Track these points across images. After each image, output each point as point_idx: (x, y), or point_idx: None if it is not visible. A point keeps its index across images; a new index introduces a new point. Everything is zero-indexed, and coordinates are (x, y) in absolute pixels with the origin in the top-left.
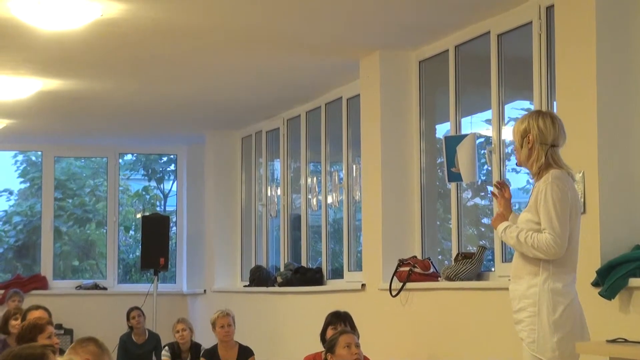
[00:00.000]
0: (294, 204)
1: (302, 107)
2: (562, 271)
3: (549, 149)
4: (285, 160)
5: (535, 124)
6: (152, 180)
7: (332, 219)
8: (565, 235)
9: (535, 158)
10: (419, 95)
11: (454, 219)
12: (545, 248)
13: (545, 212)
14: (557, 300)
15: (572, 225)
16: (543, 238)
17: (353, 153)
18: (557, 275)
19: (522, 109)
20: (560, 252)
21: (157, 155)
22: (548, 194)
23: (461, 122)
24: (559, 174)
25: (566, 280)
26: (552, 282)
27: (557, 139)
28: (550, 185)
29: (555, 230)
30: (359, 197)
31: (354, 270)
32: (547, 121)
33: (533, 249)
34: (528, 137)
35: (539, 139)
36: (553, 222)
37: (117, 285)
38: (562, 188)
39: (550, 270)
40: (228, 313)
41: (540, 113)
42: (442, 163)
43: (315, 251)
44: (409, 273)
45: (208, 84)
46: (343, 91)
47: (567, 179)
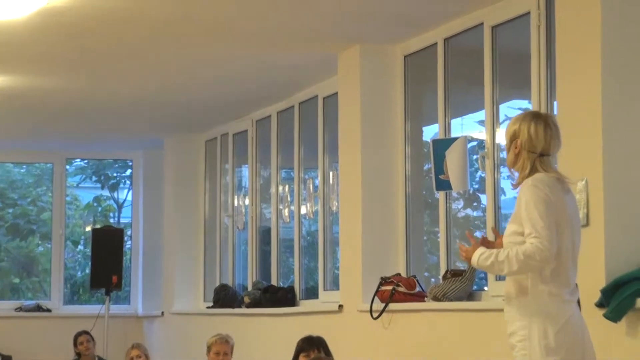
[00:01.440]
0: (264, 215)
1: (273, 106)
2: (554, 288)
3: (537, 159)
4: (254, 167)
5: (525, 129)
6: (104, 188)
7: (306, 231)
8: (551, 237)
9: (520, 166)
10: (404, 93)
11: (442, 231)
12: (532, 254)
13: (527, 216)
14: (548, 321)
15: (560, 235)
16: (528, 244)
17: (330, 158)
18: (548, 293)
19: (518, 109)
20: (550, 256)
21: (110, 160)
22: (528, 197)
23: (451, 124)
24: (542, 177)
25: (559, 297)
26: (544, 302)
27: (548, 148)
28: (529, 188)
29: (540, 231)
30: (336, 207)
31: (330, 290)
32: (540, 127)
33: (524, 259)
34: (516, 142)
35: (526, 146)
36: (536, 224)
37: (62, 306)
38: (542, 189)
39: (539, 288)
40: (227, 340)
41: (535, 116)
42: (430, 169)
43: (287, 268)
44: (392, 292)
45: (167, 80)
46: (319, 89)
47: (553, 184)
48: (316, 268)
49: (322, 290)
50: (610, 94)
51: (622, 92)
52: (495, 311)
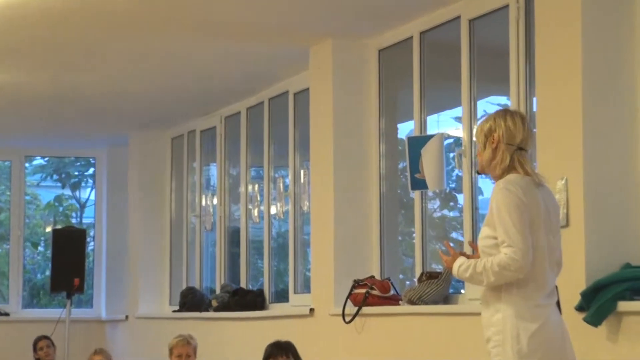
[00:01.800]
0: (233, 215)
1: (242, 102)
2: (528, 291)
3: (516, 151)
4: (222, 165)
5: (502, 122)
6: (65, 187)
7: (276, 232)
8: (526, 244)
9: (499, 160)
10: (378, 89)
11: (418, 232)
12: (506, 265)
13: (499, 221)
14: (521, 326)
15: (535, 237)
16: (502, 255)
17: (301, 156)
18: (521, 297)
19: (497, 105)
20: (525, 265)
21: (71, 158)
22: (500, 201)
23: (427, 121)
24: (514, 178)
25: (533, 301)
26: (517, 306)
27: (527, 141)
28: (501, 191)
29: (513, 239)
30: (307, 207)
31: (301, 293)
32: (517, 120)
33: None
34: (492, 136)
35: (505, 138)
36: (509, 231)
37: (21, 310)
38: (514, 192)
39: (513, 292)
40: (189, 341)
41: (509, 111)
42: (405, 168)
43: (256, 270)
44: (366, 296)
45: (131, 75)
46: (290, 84)
47: (526, 185)
48: (286, 270)
49: (293, 293)
50: (592, 89)
51: (604, 88)
52: (473, 315)
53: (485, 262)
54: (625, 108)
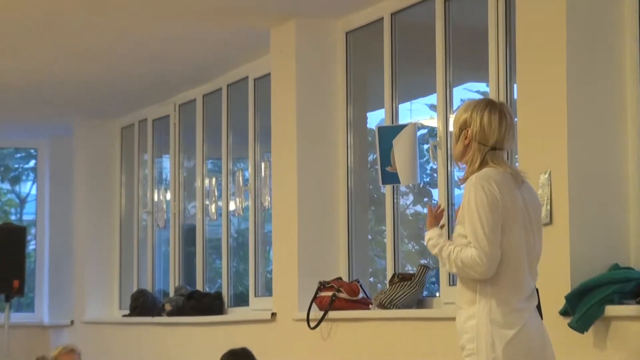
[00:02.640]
0: (188, 211)
1: (198, 89)
2: (503, 295)
3: (488, 152)
4: (176, 157)
5: (478, 118)
6: (4, 181)
7: (235, 230)
8: (493, 248)
9: (469, 159)
10: (346, 75)
11: (389, 231)
12: (469, 265)
13: (468, 220)
14: (497, 333)
15: (510, 236)
16: (468, 253)
17: (262, 147)
18: (497, 301)
19: (475, 92)
20: (488, 270)
21: (10, 150)
22: (471, 199)
23: (399, 109)
24: (487, 173)
25: (510, 305)
26: (491, 311)
27: (502, 141)
28: (473, 187)
29: (480, 242)
30: (268, 202)
31: (262, 296)
32: (494, 118)
33: (462, 267)
34: (466, 131)
35: (477, 137)
36: (477, 233)
37: None
38: (487, 189)
39: (488, 296)
40: (73, 349)
41: (489, 104)
42: (375, 160)
43: (213, 271)
44: (332, 299)
45: (76, 59)
46: (249, 69)
47: (502, 178)
48: (246, 271)
49: (253, 296)
50: (578, 74)
51: (590, 74)
52: (448, 320)
53: (451, 251)
54: (614, 94)
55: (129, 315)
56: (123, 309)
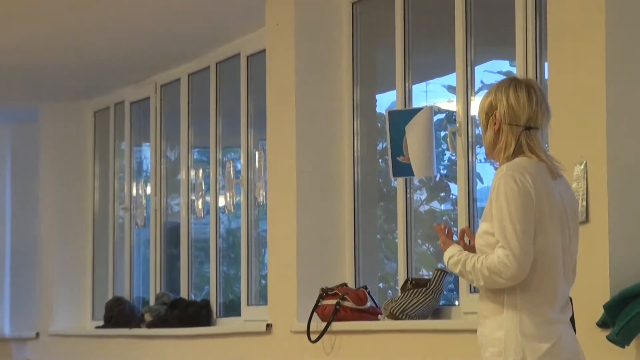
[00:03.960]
0: (171, 208)
1: (183, 67)
2: (535, 304)
3: (523, 132)
4: (157, 145)
5: (504, 98)
6: None
7: (225, 229)
8: (525, 248)
9: (503, 145)
10: (352, 52)
11: (401, 230)
12: (497, 271)
13: (497, 217)
14: (528, 346)
15: (545, 236)
16: (494, 257)
17: (256, 135)
18: (528, 311)
19: (498, 72)
20: (518, 274)
21: None
22: (500, 191)
23: (412, 91)
24: (520, 162)
25: (543, 316)
26: (522, 322)
27: (535, 117)
28: (503, 178)
29: (509, 241)
30: (263, 198)
31: (256, 304)
32: (521, 94)
33: (489, 275)
34: (494, 115)
35: (507, 117)
36: (505, 231)
37: None
38: (520, 181)
39: (517, 305)
40: None
41: (514, 82)
42: (385, 150)
43: (200, 277)
44: (336, 308)
45: (42, 33)
46: (241, 45)
47: (537, 170)
48: (238, 277)
49: (246, 305)
50: (617, 52)
51: (633, 51)
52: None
53: (476, 261)
54: None
55: (103, 326)
56: (96, 319)
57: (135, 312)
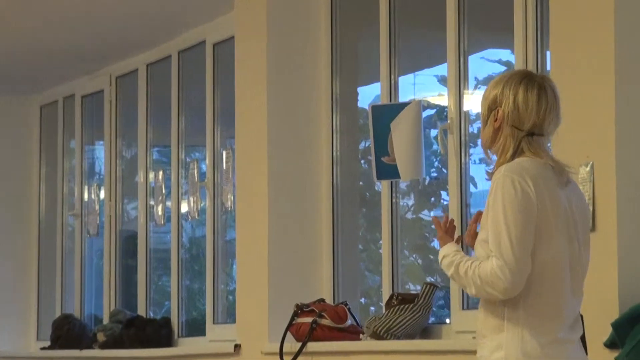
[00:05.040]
0: (127, 214)
1: (141, 57)
2: (540, 321)
3: (524, 139)
4: (112, 144)
5: (511, 96)
6: None
7: (188, 238)
8: (520, 259)
9: (500, 146)
10: (331, 39)
11: (385, 240)
12: (490, 282)
13: (492, 223)
14: None
15: (550, 246)
16: (488, 267)
17: (223, 132)
18: (531, 329)
19: (495, 62)
20: (512, 287)
21: None
22: (497, 195)
23: (398, 83)
24: (521, 163)
25: (548, 335)
26: (524, 341)
27: (542, 124)
28: (500, 180)
29: (502, 251)
30: (231, 203)
31: (222, 323)
32: (532, 95)
33: (482, 285)
34: (497, 112)
35: (510, 119)
36: (500, 239)
37: None
38: (519, 183)
39: (520, 322)
40: None
41: (526, 79)
42: (368, 149)
43: (160, 292)
44: (313, 327)
45: None
46: (207, 31)
47: (540, 172)
48: (203, 291)
49: (211, 323)
50: (628, 41)
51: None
52: (462, 354)
53: (469, 266)
54: None
55: (50, 347)
56: (42, 339)
57: (86, 332)
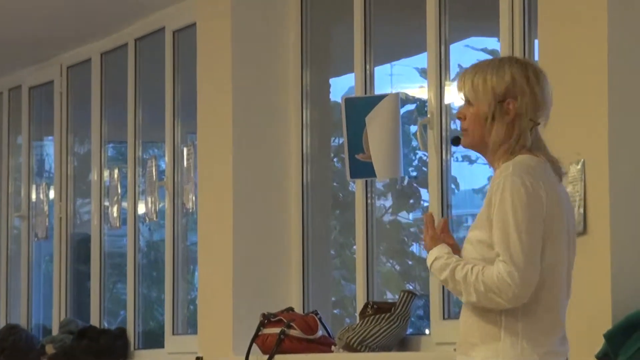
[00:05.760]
0: (79, 216)
1: (95, 45)
2: (540, 331)
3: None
4: (63, 139)
5: (525, 82)
6: None
7: (145, 242)
8: (532, 265)
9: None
10: (301, 27)
11: (360, 244)
12: (496, 289)
13: (499, 223)
14: None
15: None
16: (494, 272)
17: (184, 127)
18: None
19: (480, 50)
20: (521, 295)
21: None
22: (506, 195)
23: (374, 74)
24: (528, 162)
25: (546, 346)
26: (524, 353)
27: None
28: (510, 178)
29: (513, 255)
30: (193, 204)
31: (182, 334)
32: (543, 79)
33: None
34: (508, 104)
35: (529, 110)
36: (510, 242)
37: None
38: (531, 184)
39: (518, 331)
40: None
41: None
42: (341, 146)
43: (115, 300)
44: (280, 338)
45: None
46: (166, 17)
47: (544, 171)
48: (161, 300)
49: (170, 334)
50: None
51: None
52: None
53: (469, 271)
54: None
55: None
56: None
57: (34, 343)
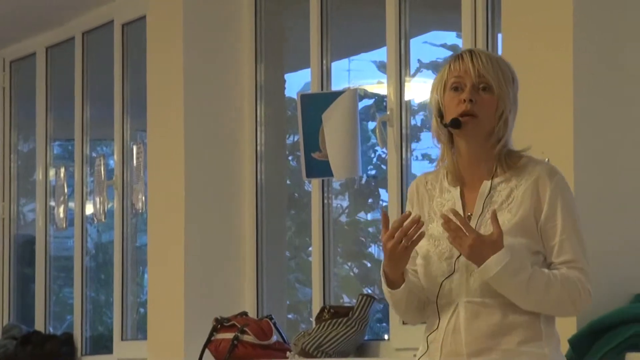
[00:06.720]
0: (24, 216)
1: (39, 38)
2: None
3: None
4: (6, 137)
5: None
6: None
7: (93, 244)
8: None
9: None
10: (255, 19)
11: (316, 246)
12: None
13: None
14: None
15: None
16: (573, 278)
17: (133, 124)
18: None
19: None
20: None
21: None
22: (566, 197)
23: (331, 69)
24: None
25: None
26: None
27: None
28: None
29: (585, 266)
30: (143, 204)
31: (132, 339)
32: None
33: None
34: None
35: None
36: (583, 249)
37: None
38: None
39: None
40: None
41: None
42: (297, 143)
43: (61, 304)
44: (234, 343)
45: None
46: (115, 10)
47: None
48: (110, 304)
49: (119, 339)
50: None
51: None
52: None
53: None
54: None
55: None
56: None
57: None
